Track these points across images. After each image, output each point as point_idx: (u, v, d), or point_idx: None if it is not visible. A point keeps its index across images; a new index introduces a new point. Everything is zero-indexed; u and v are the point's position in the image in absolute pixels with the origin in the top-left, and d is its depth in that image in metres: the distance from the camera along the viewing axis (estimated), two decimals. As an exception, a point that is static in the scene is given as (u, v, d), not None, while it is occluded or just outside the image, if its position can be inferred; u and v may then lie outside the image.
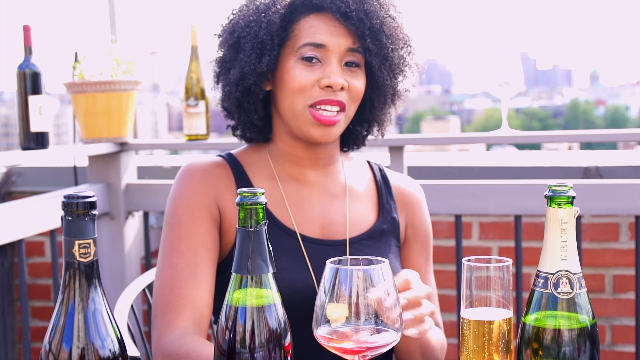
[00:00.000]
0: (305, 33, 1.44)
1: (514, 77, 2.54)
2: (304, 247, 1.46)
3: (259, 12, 1.46)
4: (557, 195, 1.03)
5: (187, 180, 1.48)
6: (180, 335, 1.35)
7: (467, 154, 3.43)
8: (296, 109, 1.44)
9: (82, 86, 2.63)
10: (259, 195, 0.94)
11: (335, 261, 1.07)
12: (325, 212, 1.52)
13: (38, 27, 9.01)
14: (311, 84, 1.43)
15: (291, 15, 1.45)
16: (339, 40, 1.43)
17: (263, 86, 1.48)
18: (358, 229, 1.52)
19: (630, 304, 2.70)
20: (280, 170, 1.53)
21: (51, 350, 0.91)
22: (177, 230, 1.44)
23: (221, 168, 1.51)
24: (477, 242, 2.79)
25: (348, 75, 1.45)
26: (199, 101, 2.63)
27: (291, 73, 1.44)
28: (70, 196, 0.90)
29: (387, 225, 1.55)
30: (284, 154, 1.53)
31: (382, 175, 1.62)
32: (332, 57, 1.43)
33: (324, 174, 1.55)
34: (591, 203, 2.37)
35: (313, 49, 1.43)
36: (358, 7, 1.42)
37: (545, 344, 1.04)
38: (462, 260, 1.11)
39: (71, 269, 0.91)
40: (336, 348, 1.06)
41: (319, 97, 1.43)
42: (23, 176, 3.11)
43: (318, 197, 1.53)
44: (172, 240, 1.44)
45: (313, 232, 1.49)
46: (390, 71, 1.48)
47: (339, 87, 1.42)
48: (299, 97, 1.44)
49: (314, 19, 1.44)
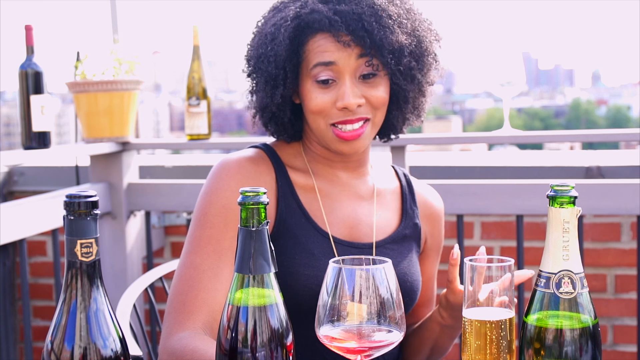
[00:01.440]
0: (314, 53, 1.43)
1: (515, 76, 2.53)
2: (335, 248, 1.47)
3: (266, 43, 1.46)
4: (559, 195, 1.03)
5: (225, 178, 1.46)
6: (190, 334, 1.34)
7: (469, 154, 3.43)
8: (319, 127, 1.46)
9: (84, 86, 2.63)
10: (261, 194, 0.94)
11: (338, 260, 1.07)
12: (354, 214, 1.53)
13: (40, 26, 9.01)
14: (329, 105, 1.43)
15: (298, 39, 1.44)
16: (346, 53, 1.41)
17: (286, 110, 1.49)
18: (383, 233, 1.54)
19: (632, 303, 2.70)
20: (314, 167, 1.55)
21: (53, 349, 0.91)
22: (207, 230, 1.42)
23: (261, 163, 1.50)
24: (479, 242, 2.79)
25: (365, 88, 1.44)
26: (201, 101, 2.63)
27: (309, 96, 1.45)
28: (73, 195, 0.90)
29: (409, 230, 1.57)
30: (316, 155, 1.55)
31: (407, 182, 1.64)
32: (345, 75, 1.42)
33: (355, 176, 1.56)
34: (593, 203, 2.37)
35: (324, 68, 1.42)
36: (356, 26, 1.40)
37: (547, 344, 1.04)
38: (464, 260, 1.11)
39: (73, 269, 0.91)
40: (339, 348, 1.06)
41: (338, 117, 1.44)
42: (25, 176, 3.11)
43: (348, 198, 1.54)
44: (199, 239, 1.42)
45: (341, 234, 1.50)
46: (406, 76, 1.47)
47: (354, 107, 1.42)
48: (319, 117, 1.45)
49: (320, 38, 1.43)
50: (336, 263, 1.07)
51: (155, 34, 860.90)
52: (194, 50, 2.66)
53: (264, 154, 1.52)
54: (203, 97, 2.64)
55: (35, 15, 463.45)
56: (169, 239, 3.01)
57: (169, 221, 2.96)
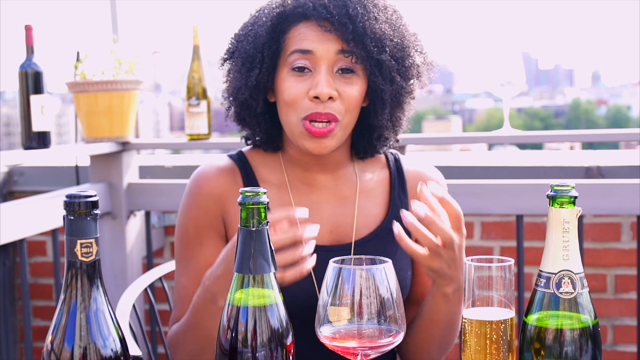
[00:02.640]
0: (293, 41, 1.42)
1: (515, 76, 2.53)
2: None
3: (247, 26, 1.47)
4: (559, 195, 1.03)
5: (195, 196, 1.50)
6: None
7: (469, 154, 3.43)
8: (291, 121, 1.43)
9: (84, 86, 2.63)
10: (260, 194, 0.94)
11: (339, 261, 1.07)
12: (335, 216, 1.51)
13: (40, 26, 9.00)
14: (302, 95, 1.41)
15: (281, 26, 1.43)
16: (326, 45, 1.40)
17: (259, 99, 1.47)
18: (366, 229, 1.51)
19: (632, 303, 2.70)
20: (292, 175, 1.52)
21: (53, 349, 0.91)
22: (187, 248, 1.50)
23: (229, 174, 1.51)
24: (479, 242, 2.79)
25: (340, 82, 1.41)
26: (201, 101, 2.63)
27: (283, 84, 1.43)
28: (73, 195, 0.90)
29: (398, 222, 1.53)
30: (294, 160, 1.52)
31: (397, 167, 1.58)
32: (322, 65, 1.40)
33: (334, 177, 1.53)
34: (593, 203, 2.37)
35: (301, 56, 1.41)
36: (340, 12, 1.39)
37: (547, 344, 1.04)
38: (464, 260, 1.11)
39: (73, 269, 0.91)
40: (339, 347, 1.06)
41: (309, 109, 1.40)
42: (25, 176, 3.11)
43: (328, 202, 1.52)
44: (182, 257, 1.50)
45: (320, 239, 1.47)
46: (385, 75, 1.43)
47: (326, 97, 1.39)
48: (292, 109, 1.42)
49: (302, 26, 1.42)
50: (336, 263, 1.07)
51: (155, 34, 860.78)
52: (194, 50, 2.66)
53: (234, 164, 1.52)
54: (203, 97, 2.64)
55: (35, 15, 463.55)
56: (169, 239, 3.01)
57: (169, 221, 2.96)
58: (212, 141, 2.70)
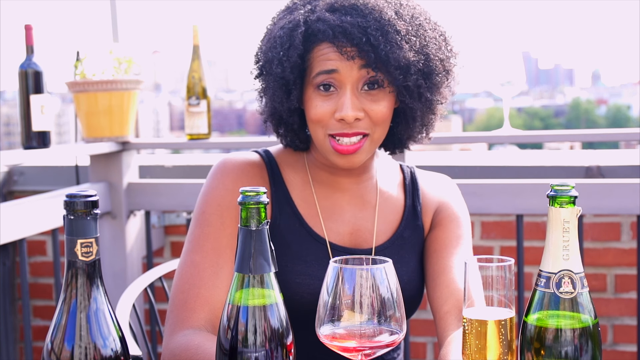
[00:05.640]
0: (317, 61, 1.41)
1: (515, 76, 2.53)
2: (331, 255, 1.46)
3: (276, 47, 1.43)
4: (559, 195, 1.03)
5: (221, 177, 1.48)
6: (193, 331, 1.35)
7: (469, 154, 3.43)
8: (318, 137, 1.44)
9: (84, 85, 2.63)
10: (261, 194, 0.94)
11: (339, 260, 1.07)
12: (355, 219, 1.52)
13: (40, 26, 9.02)
14: (328, 115, 1.41)
15: (305, 45, 1.42)
16: (349, 63, 1.38)
17: (296, 116, 1.48)
18: (384, 236, 1.53)
19: (632, 303, 2.70)
20: (315, 175, 1.53)
21: (53, 349, 0.91)
22: (205, 228, 1.43)
23: (256, 167, 1.51)
24: (479, 242, 2.79)
25: (366, 101, 1.40)
26: (201, 100, 2.63)
27: (310, 103, 1.43)
28: (73, 195, 0.90)
29: (408, 231, 1.55)
30: (319, 162, 1.53)
31: (412, 179, 1.61)
32: (346, 85, 1.39)
33: (358, 181, 1.54)
34: (593, 202, 2.37)
35: (326, 77, 1.40)
36: (360, 40, 1.36)
37: (547, 344, 1.04)
38: (464, 260, 1.11)
39: (73, 268, 0.91)
40: (339, 347, 1.06)
41: (335, 129, 1.41)
42: (25, 175, 3.11)
43: (350, 204, 1.53)
44: (198, 237, 1.43)
45: (342, 240, 1.49)
46: (413, 95, 1.42)
47: (351, 120, 1.39)
48: (318, 126, 1.43)
49: (325, 46, 1.40)
50: (336, 263, 1.07)
51: (155, 34, 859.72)
52: (194, 50, 2.66)
53: (261, 160, 1.53)
54: (203, 96, 2.64)
55: (35, 15, 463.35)
56: (169, 239, 3.01)
57: (169, 221, 2.96)
58: (212, 141, 2.70)
